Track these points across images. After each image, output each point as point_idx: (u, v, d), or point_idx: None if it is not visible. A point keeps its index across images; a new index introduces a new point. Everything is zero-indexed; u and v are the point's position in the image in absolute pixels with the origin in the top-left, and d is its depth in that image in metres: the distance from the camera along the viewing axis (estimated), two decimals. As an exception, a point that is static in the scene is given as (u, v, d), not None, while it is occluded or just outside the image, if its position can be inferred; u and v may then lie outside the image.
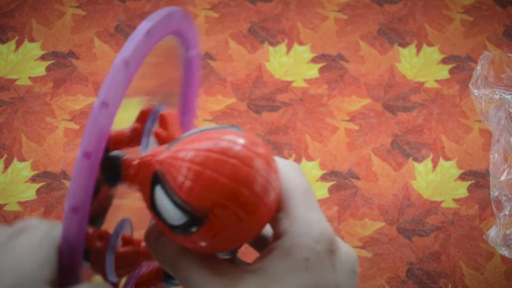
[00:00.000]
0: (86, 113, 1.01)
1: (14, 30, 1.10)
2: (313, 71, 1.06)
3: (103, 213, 0.43)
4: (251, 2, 1.14)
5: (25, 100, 1.02)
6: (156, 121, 0.42)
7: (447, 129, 1.01)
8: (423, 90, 1.05)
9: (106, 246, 0.39)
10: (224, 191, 0.34)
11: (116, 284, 0.42)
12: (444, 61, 1.08)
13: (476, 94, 0.99)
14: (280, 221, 0.37)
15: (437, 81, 1.06)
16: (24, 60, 1.07)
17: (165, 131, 0.41)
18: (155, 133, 0.41)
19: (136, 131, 0.42)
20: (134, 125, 0.42)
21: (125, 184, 0.42)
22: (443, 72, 1.07)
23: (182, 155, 0.35)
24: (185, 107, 0.48)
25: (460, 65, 1.07)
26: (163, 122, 0.41)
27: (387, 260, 0.89)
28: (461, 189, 0.95)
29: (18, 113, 1.01)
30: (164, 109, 0.43)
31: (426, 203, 0.94)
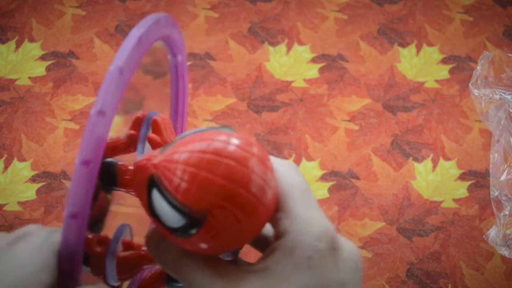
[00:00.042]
0: (86, 113, 1.01)
1: (14, 30, 1.10)
2: (313, 71, 1.06)
3: (102, 218, 0.43)
4: (251, 2, 1.14)
5: (25, 100, 1.02)
6: (150, 127, 0.43)
7: (447, 129, 1.01)
8: (423, 90, 1.05)
9: (106, 251, 0.40)
10: (221, 192, 0.34)
11: None
12: (444, 61, 1.08)
13: (476, 94, 0.99)
14: (280, 220, 0.37)
15: (437, 81, 1.06)
16: (24, 60, 1.07)
17: (158, 136, 0.41)
18: (149, 139, 0.41)
19: (132, 137, 0.43)
20: (129, 132, 0.43)
21: (121, 189, 0.42)
22: (443, 72, 1.07)
23: (176, 157, 0.35)
24: (176, 112, 0.49)
25: (460, 65, 1.07)
26: (156, 127, 0.41)
27: (387, 260, 0.89)
28: (461, 189, 0.95)
29: (18, 113, 1.01)
30: (157, 115, 0.43)
31: (426, 203, 0.94)
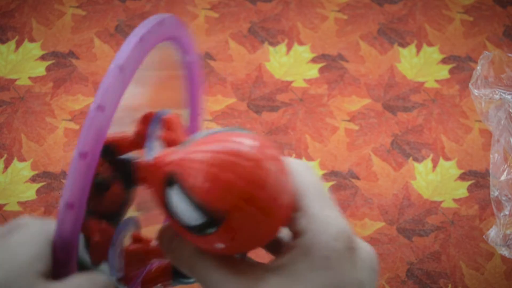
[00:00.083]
0: (86, 113, 1.01)
1: (14, 30, 1.10)
2: (313, 71, 1.06)
3: (120, 212, 0.43)
4: (251, 2, 1.14)
5: (25, 100, 1.02)
6: (158, 124, 0.43)
7: (447, 129, 1.01)
8: (423, 90, 1.05)
9: (109, 241, 0.40)
10: (242, 194, 0.35)
11: (121, 279, 0.42)
12: (444, 61, 1.08)
13: (476, 94, 0.99)
14: (297, 220, 0.37)
15: (437, 81, 1.06)
16: (24, 60, 1.07)
17: (171, 134, 0.41)
18: (162, 137, 0.41)
19: (140, 134, 0.43)
20: (138, 128, 0.43)
21: (139, 186, 0.43)
22: (443, 72, 1.07)
23: (198, 156, 0.35)
24: (192, 112, 0.49)
25: (460, 65, 1.07)
26: (169, 125, 0.42)
27: (387, 260, 0.89)
28: (461, 189, 0.95)
29: (18, 113, 1.01)
30: (167, 113, 0.43)
31: (426, 203, 0.94)
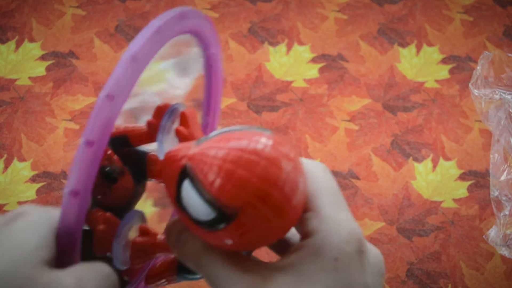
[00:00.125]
0: (86, 113, 1.01)
1: (14, 30, 1.10)
2: (313, 71, 1.06)
3: (128, 206, 0.43)
4: (251, 2, 1.14)
5: (25, 100, 1.02)
6: (171, 118, 0.43)
7: (447, 129, 1.01)
8: (423, 90, 1.05)
9: (112, 232, 0.40)
10: (255, 191, 0.35)
11: (125, 272, 0.42)
12: (444, 61, 1.08)
13: (476, 94, 0.98)
14: (309, 220, 0.37)
15: (437, 81, 1.06)
16: (24, 60, 1.07)
17: (186, 129, 0.41)
18: (176, 131, 0.41)
19: (153, 126, 0.43)
20: (151, 120, 0.43)
21: (152, 180, 0.43)
22: (443, 72, 1.07)
23: (213, 152, 0.35)
24: (208, 107, 0.49)
25: (460, 65, 1.07)
26: (184, 120, 0.41)
27: (387, 260, 0.89)
28: (461, 189, 0.95)
29: (18, 113, 1.01)
30: (180, 107, 0.43)
31: (426, 203, 0.94)
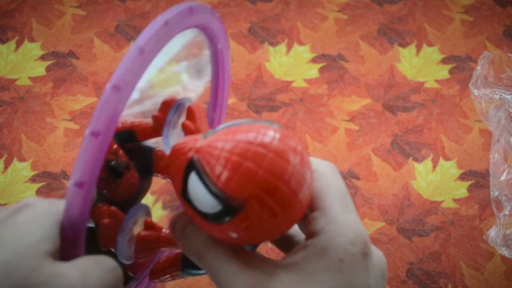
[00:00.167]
0: (86, 113, 1.01)
1: (14, 30, 1.10)
2: (313, 71, 1.06)
3: (133, 201, 0.43)
4: (251, 2, 1.14)
5: (25, 100, 1.02)
6: (177, 112, 0.43)
7: (447, 129, 1.01)
8: (423, 90, 1.05)
9: (117, 226, 0.40)
10: (262, 184, 0.34)
11: (130, 267, 0.42)
12: (444, 61, 1.08)
13: (476, 94, 0.98)
14: (316, 220, 0.37)
15: (437, 81, 1.06)
16: (24, 60, 1.07)
17: (192, 123, 0.41)
18: (183, 125, 0.41)
19: (159, 121, 0.43)
20: (157, 114, 0.43)
21: (157, 175, 0.42)
22: (443, 72, 1.07)
23: (221, 145, 0.35)
24: (215, 103, 0.48)
25: (460, 65, 1.07)
26: (191, 114, 0.41)
27: (387, 260, 0.89)
28: (461, 189, 0.95)
29: (18, 113, 1.01)
30: (187, 101, 0.43)
31: (426, 203, 0.94)
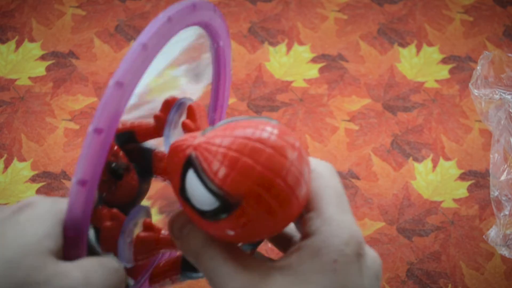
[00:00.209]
0: (86, 113, 1.01)
1: (14, 30, 1.10)
2: (313, 71, 1.06)
3: (133, 203, 0.43)
4: (251, 2, 1.14)
5: (25, 100, 1.02)
6: (178, 112, 0.42)
7: (447, 129, 1.01)
8: (423, 90, 1.05)
9: (119, 228, 0.39)
10: (260, 180, 0.34)
11: (129, 271, 0.42)
12: (444, 61, 1.08)
13: (476, 94, 0.98)
14: (311, 220, 0.37)
15: (437, 81, 1.06)
16: (24, 60, 1.07)
17: (193, 122, 0.41)
18: (183, 124, 0.41)
19: (160, 121, 0.43)
20: (158, 114, 0.43)
21: (157, 177, 0.42)
22: (443, 72, 1.07)
23: (218, 141, 0.35)
24: (215, 102, 0.48)
25: (460, 65, 1.07)
26: (191, 113, 0.41)
27: (387, 260, 0.89)
28: (461, 189, 0.95)
29: (18, 113, 1.01)
30: (188, 101, 0.43)
31: (426, 203, 0.94)
